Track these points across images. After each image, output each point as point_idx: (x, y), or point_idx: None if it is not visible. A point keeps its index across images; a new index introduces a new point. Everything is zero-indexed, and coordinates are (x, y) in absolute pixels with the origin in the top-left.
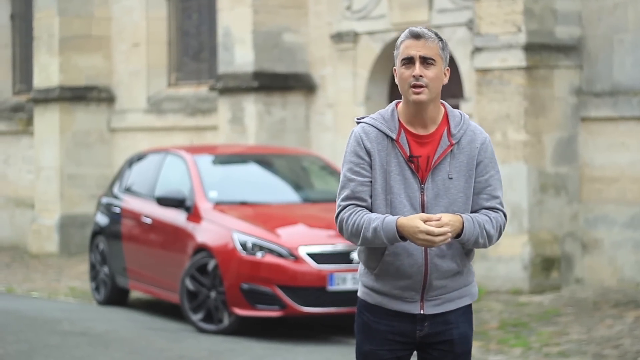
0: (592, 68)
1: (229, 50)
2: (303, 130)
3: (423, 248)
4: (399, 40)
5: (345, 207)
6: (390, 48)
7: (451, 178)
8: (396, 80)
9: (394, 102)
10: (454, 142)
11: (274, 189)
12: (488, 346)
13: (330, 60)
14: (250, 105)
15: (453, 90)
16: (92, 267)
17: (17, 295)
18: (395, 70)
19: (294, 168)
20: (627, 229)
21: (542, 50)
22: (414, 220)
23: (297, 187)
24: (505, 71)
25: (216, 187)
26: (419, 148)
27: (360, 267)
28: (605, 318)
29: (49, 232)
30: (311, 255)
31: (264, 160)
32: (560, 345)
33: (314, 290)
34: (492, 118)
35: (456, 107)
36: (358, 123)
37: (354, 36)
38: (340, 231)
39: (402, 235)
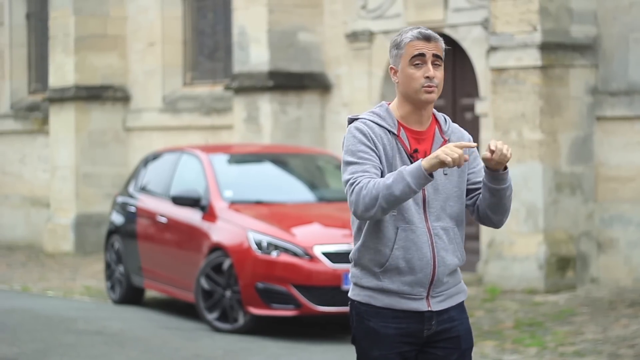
0: (607, 67)
1: (244, 49)
2: (318, 129)
3: (430, 242)
4: (401, 40)
5: (360, 175)
6: None
7: (446, 174)
8: (396, 80)
9: (383, 102)
10: (446, 138)
11: (289, 188)
12: (503, 345)
13: (345, 59)
14: (266, 104)
15: (468, 90)
16: (108, 266)
17: (32, 294)
18: (393, 69)
19: (309, 167)
20: None
21: (557, 50)
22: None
23: (312, 186)
24: (521, 70)
25: (231, 186)
26: (417, 144)
27: (357, 271)
28: (621, 317)
29: (64, 231)
30: (326, 255)
31: (279, 160)
32: (575, 345)
33: (329, 290)
34: (508, 117)
35: (472, 106)
36: (354, 120)
37: (369, 35)
38: (357, 197)
39: (427, 170)
